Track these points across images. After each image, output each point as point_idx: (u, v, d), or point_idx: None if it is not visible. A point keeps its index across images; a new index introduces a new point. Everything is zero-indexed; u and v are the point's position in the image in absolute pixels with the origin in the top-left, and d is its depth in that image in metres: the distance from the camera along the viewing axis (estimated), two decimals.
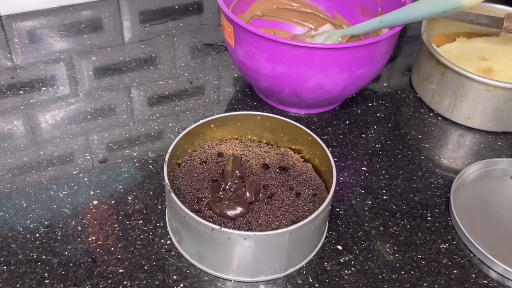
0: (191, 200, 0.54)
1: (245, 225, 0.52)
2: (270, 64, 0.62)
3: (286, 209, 0.54)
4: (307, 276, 0.52)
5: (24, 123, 0.66)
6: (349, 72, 0.63)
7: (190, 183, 0.55)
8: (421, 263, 0.54)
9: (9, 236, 0.54)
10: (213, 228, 0.48)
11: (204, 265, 0.52)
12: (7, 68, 0.74)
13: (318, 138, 0.57)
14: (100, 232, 0.54)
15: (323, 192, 0.56)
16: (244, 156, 0.59)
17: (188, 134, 0.57)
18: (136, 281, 0.51)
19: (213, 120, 0.58)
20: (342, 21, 0.78)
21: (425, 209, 0.60)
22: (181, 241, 0.53)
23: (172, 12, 0.88)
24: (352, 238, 0.56)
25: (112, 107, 0.69)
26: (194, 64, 0.78)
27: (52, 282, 0.50)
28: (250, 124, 0.60)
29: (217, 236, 0.48)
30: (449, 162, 0.66)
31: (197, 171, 0.57)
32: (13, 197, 0.57)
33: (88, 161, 0.62)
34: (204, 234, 0.49)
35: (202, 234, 0.49)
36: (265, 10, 0.78)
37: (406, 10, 0.62)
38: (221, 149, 0.59)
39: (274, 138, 0.61)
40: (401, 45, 0.85)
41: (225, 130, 0.60)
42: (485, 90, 0.66)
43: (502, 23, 0.71)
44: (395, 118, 0.72)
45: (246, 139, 0.61)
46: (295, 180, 0.57)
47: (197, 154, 0.59)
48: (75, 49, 0.78)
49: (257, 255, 0.49)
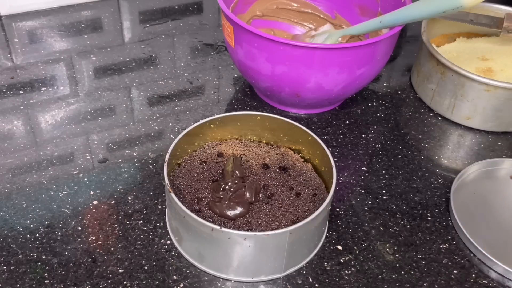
0: (191, 200, 0.54)
1: (245, 225, 0.52)
2: (270, 64, 0.62)
3: (286, 209, 0.54)
4: (307, 276, 0.52)
5: (24, 123, 0.66)
6: (349, 72, 0.63)
7: (190, 183, 0.55)
8: (421, 263, 0.54)
9: (9, 236, 0.54)
10: (213, 228, 0.48)
11: (204, 265, 0.52)
12: (7, 68, 0.74)
13: (318, 138, 0.57)
14: (100, 232, 0.54)
15: (323, 192, 0.56)
16: (244, 156, 0.59)
17: (188, 134, 0.57)
18: (136, 281, 0.51)
19: (213, 120, 0.58)
20: (342, 21, 0.78)
21: (425, 209, 0.60)
22: (181, 241, 0.53)
23: (172, 12, 0.88)
24: (352, 238, 0.56)
25: (112, 107, 0.69)
26: (194, 64, 0.78)
27: (52, 282, 0.50)
28: (250, 124, 0.60)
29: (217, 236, 0.48)
30: (449, 162, 0.66)
31: (197, 171, 0.57)
32: (13, 197, 0.57)
33: (88, 161, 0.62)
34: (204, 234, 0.49)
35: (202, 234, 0.49)
36: (265, 10, 0.78)
37: (406, 10, 0.62)
38: (221, 149, 0.59)
39: (274, 138, 0.61)
40: (401, 45, 0.85)
41: (225, 130, 0.60)
42: (485, 90, 0.66)
43: (502, 23, 0.71)
44: (395, 118, 0.72)
45: (246, 139, 0.61)
46: (295, 180, 0.57)
47: (197, 154, 0.59)
48: (75, 49, 0.78)
49: (257, 255, 0.50)
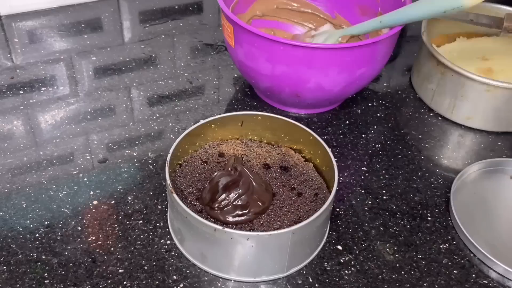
0: (192, 201, 0.54)
1: (247, 225, 0.52)
2: (270, 64, 0.62)
3: (288, 209, 0.54)
4: (307, 276, 0.52)
5: (24, 123, 0.66)
6: (349, 72, 0.63)
7: (192, 183, 0.55)
8: (421, 263, 0.54)
9: (9, 236, 0.53)
10: (215, 228, 0.48)
11: (206, 266, 0.52)
12: (7, 68, 0.74)
13: (319, 138, 0.57)
14: (100, 232, 0.54)
15: (325, 192, 0.56)
16: (245, 156, 0.59)
17: (189, 134, 0.57)
18: (136, 281, 0.50)
19: (214, 120, 0.58)
20: (342, 21, 0.78)
21: (425, 209, 0.59)
22: (183, 241, 0.53)
23: (172, 12, 0.88)
24: (352, 238, 0.56)
25: (112, 107, 0.69)
26: (194, 64, 0.78)
27: (52, 282, 0.50)
28: (251, 124, 0.60)
29: (219, 236, 0.48)
30: (449, 162, 0.66)
31: (199, 171, 0.57)
32: (13, 197, 0.57)
33: (88, 161, 0.62)
34: (206, 235, 0.49)
35: (205, 234, 0.49)
36: (265, 10, 0.78)
37: (406, 10, 0.62)
38: (222, 149, 0.59)
39: (275, 138, 0.61)
40: (401, 45, 0.85)
41: (226, 130, 0.60)
42: (485, 90, 0.66)
43: (502, 23, 0.71)
44: (395, 118, 0.71)
45: (247, 139, 0.61)
46: (297, 180, 0.57)
47: (198, 154, 0.59)
48: (75, 49, 0.78)
49: (260, 255, 0.49)
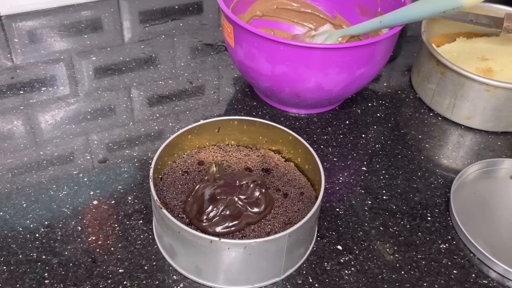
0: (179, 214, 0.52)
1: (238, 232, 0.51)
2: (270, 64, 0.62)
3: (277, 211, 0.53)
4: (307, 276, 0.52)
5: (24, 123, 0.66)
6: (349, 72, 0.63)
7: (176, 195, 0.54)
8: (421, 263, 0.54)
9: (9, 236, 0.54)
10: (211, 240, 0.46)
11: (201, 279, 0.50)
12: (7, 68, 0.74)
13: (299, 137, 0.56)
14: (100, 232, 0.54)
15: (310, 190, 0.56)
16: (225, 162, 0.58)
17: (168, 145, 0.55)
18: (136, 281, 0.50)
19: (191, 130, 0.57)
20: (342, 21, 0.78)
21: (425, 209, 0.59)
22: (174, 257, 0.51)
23: (172, 12, 0.88)
24: (352, 238, 0.56)
25: (112, 107, 0.69)
26: (194, 64, 0.78)
27: (52, 282, 0.50)
28: (228, 129, 0.59)
29: (216, 248, 0.47)
30: (449, 162, 0.66)
31: (181, 182, 0.55)
32: (13, 197, 0.57)
33: (88, 161, 0.62)
34: (202, 247, 0.47)
35: (200, 247, 0.48)
36: (265, 10, 0.78)
37: (406, 10, 0.62)
38: (201, 157, 0.58)
39: (252, 141, 0.60)
40: (401, 45, 0.85)
41: (203, 138, 0.59)
42: (485, 90, 0.66)
43: (502, 23, 0.71)
44: (395, 118, 0.72)
45: (225, 144, 0.60)
46: (280, 180, 0.57)
47: (177, 165, 0.57)
48: (75, 49, 0.78)
49: (258, 261, 0.49)
